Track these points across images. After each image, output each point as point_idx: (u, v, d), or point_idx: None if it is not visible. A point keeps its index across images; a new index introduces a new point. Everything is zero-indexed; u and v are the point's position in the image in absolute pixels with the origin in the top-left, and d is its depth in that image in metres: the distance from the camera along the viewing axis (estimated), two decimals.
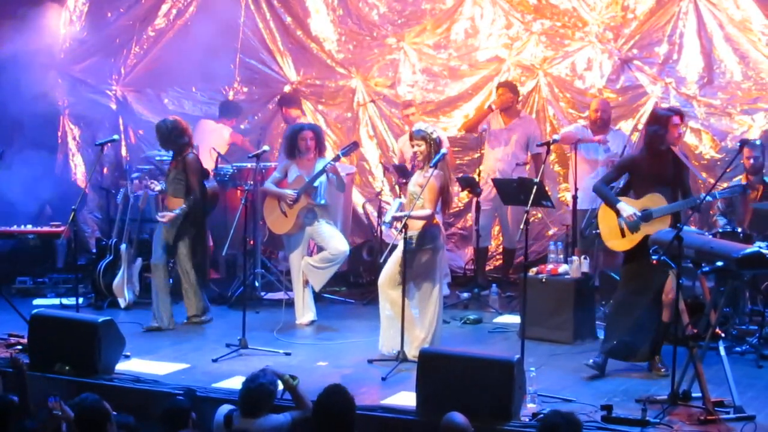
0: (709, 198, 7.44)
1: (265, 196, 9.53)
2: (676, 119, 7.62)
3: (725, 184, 8.63)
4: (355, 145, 9.84)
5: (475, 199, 10.32)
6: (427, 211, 7.96)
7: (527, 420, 6.51)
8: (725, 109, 10.28)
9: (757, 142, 9.15)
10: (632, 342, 7.72)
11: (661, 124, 7.62)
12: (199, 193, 9.20)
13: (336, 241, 9.18)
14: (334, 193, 9.61)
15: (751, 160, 8.84)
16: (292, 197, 9.14)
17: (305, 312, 9.39)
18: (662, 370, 7.63)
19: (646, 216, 7.57)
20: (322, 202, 9.26)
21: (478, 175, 10.51)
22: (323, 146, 9.50)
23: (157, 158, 10.75)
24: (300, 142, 9.24)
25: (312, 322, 9.40)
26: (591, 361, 7.76)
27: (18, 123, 11.20)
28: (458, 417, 5.64)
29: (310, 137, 9.27)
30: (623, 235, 7.72)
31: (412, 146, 8.18)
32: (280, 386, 6.31)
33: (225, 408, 6.14)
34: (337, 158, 9.27)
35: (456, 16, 11.41)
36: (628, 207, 7.62)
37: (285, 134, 9.65)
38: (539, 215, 10.99)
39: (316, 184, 9.17)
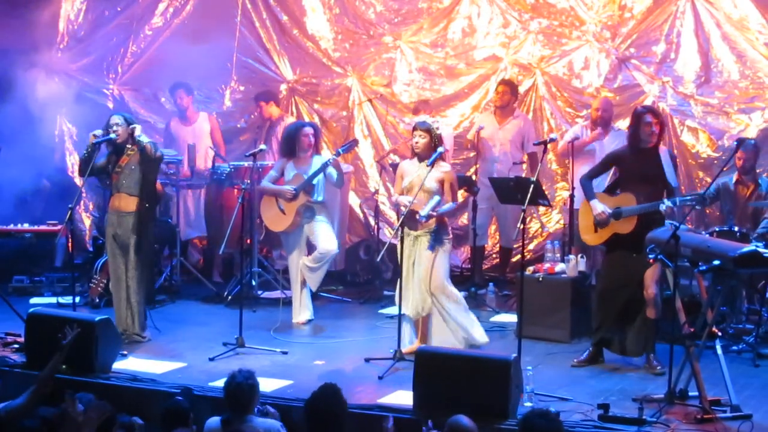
0: (669, 203, 7.48)
1: (262, 194, 9.55)
2: (647, 117, 7.73)
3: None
4: (355, 143, 9.86)
5: (471, 198, 10.32)
6: (455, 205, 8.05)
7: None
8: (722, 108, 10.27)
9: (751, 142, 9.18)
10: (620, 332, 7.90)
11: (634, 122, 7.82)
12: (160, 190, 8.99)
13: (324, 241, 9.18)
14: (332, 190, 9.61)
15: (742, 161, 8.90)
16: (291, 193, 9.15)
17: (302, 311, 9.39)
18: (657, 367, 7.67)
19: (617, 214, 7.76)
20: (320, 198, 9.28)
21: (475, 173, 10.51)
22: (320, 144, 9.62)
23: None
24: (302, 138, 9.28)
25: (309, 321, 9.40)
26: (575, 360, 8.01)
27: (15, 121, 11.17)
28: (465, 420, 5.63)
29: (312, 134, 9.34)
30: (596, 231, 7.95)
31: (414, 136, 8.12)
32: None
33: (215, 419, 6.12)
34: (337, 155, 9.28)
35: (453, 15, 11.40)
36: (598, 205, 7.84)
37: (285, 132, 9.66)
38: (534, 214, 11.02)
39: (314, 181, 9.18)
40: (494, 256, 11.29)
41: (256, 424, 5.95)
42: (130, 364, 7.93)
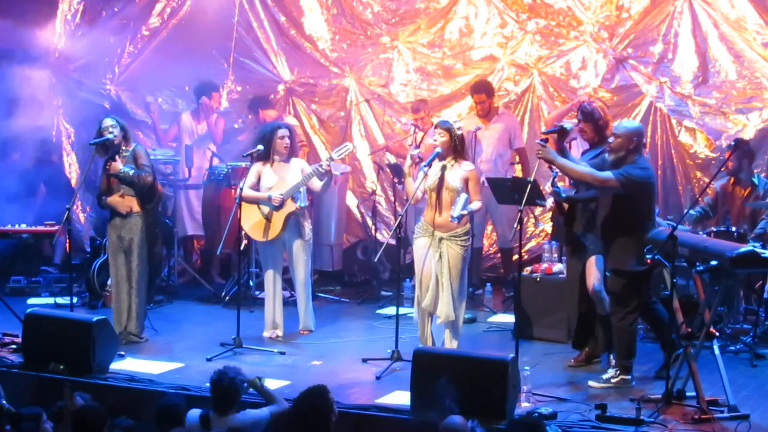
0: (549, 183, 7.77)
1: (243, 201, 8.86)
2: (577, 116, 7.97)
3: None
4: (349, 146, 9.47)
5: None
6: (480, 203, 7.99)
7: None
8: (720, 108, 10.28)
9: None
10: (587, 331, 7.96)
11: None
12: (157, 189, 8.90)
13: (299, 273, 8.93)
14: (331, 189, 9.38)
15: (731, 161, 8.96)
16: (280, 199, 8.66)
17: (306, 319, 9.08)
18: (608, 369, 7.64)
19: None
20: (302, 205, 8.82)
21: None
22: (296, 145, 9.12)
23: (151, 157, 10.69)
24: (278, 141, 8.73)
25: (310, 331, 9.09)
26: (572, 360, 8.05)
27: (12, 122, 11.18)
28: (457, 419, 5.65)
29: (288, 136, 8.80)
30: None
31: (434, 134, 7.99)
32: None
33: (195, 411, 6.14)
34: (330, 160, 8.77)
35: (450, 15, 11.40)
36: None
37: (259, 134, 9.02)
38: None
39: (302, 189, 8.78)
40: (492, 256, 11.29)
41: (246, 417, 5.96)
42: (127, 364, 7.93)
